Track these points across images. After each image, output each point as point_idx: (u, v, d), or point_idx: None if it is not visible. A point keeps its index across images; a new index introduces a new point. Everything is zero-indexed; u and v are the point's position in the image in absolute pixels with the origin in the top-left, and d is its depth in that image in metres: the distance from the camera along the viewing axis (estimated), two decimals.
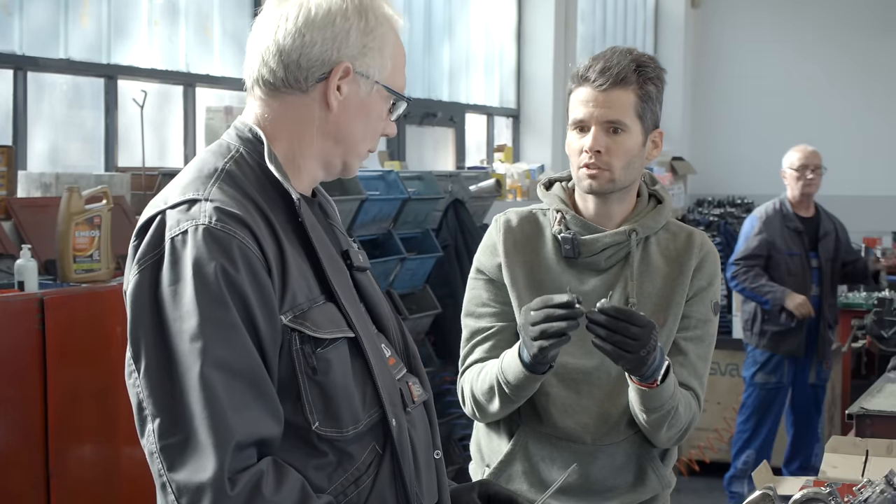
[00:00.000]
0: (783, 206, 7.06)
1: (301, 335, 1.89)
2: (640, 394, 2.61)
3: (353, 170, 2.08)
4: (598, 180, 2.67)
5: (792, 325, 6.86)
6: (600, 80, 2.63)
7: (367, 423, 1.95)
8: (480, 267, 2.80)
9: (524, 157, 10.16)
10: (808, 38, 12.58)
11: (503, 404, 2.67)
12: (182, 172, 1.99)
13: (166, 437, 1.80)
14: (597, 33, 11.80)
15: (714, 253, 2.81)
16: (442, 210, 6.64)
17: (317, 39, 1.96)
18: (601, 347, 2.48)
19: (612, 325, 2.45)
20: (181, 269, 1.81)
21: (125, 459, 4.83)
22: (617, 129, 2.64)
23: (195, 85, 6.63)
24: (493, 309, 2.77)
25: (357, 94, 2.01)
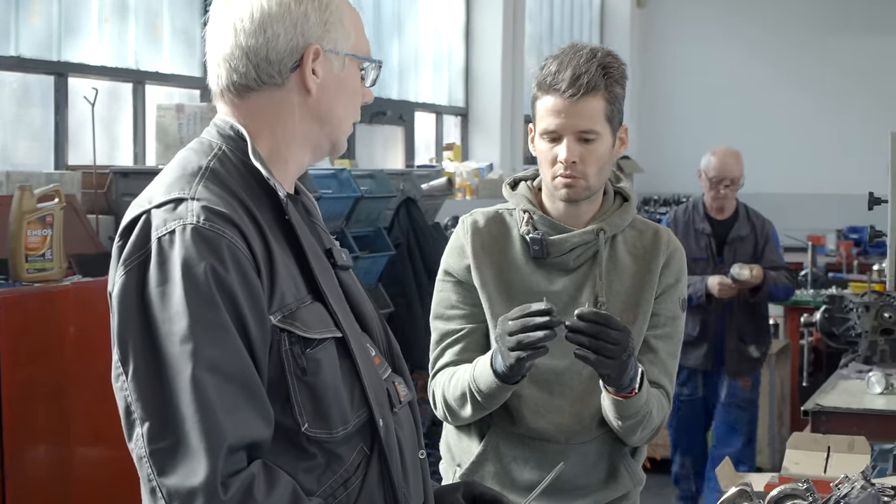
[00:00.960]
0: (696, 206, 6.63)
1: (290, 335, 1.86)
2: (616, 404, 2.61)
3: (342, 146, 2.06)
4: (574, 189, 2.68)
5: (693, 336, 6.34)
6: (571, 91, 2.62)
7: (355, 423, 1.93)
8: (448, 269, 2.79)
9: (473, 155, 10.17)
10: (753, 37, 12.70)
11: (475, 410, 2.67)
12: (164, 171, 1.95)
13: (156, 441, 1.77)
14: (544, 32, 11.85)
15: (680, 249, 2.82)
16: (394, 209, 6.63)
17: (279, 31, 1.93)
18: (584, 357, 2.47)
19: (593, 331, 2.44)
20: (169, 270, 1.78)
21: (79, 460, 4.79)
22: (589, 139, 2.65)
23: (145, 82, 6.58)
24: (463, 311, 2.76)
25: (331, 71, 1.99)
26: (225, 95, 1.98)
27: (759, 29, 12.67)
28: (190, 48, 6.96)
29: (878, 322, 5.32)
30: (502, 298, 2.70)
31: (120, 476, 5.05)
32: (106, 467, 4.96)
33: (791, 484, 2.07)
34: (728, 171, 6.44)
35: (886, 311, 5.33)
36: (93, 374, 4.92)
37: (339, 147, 2.06)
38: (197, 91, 6.98)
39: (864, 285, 7.31)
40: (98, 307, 4.93)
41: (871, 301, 5.38)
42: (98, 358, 4.94)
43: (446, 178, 7.20)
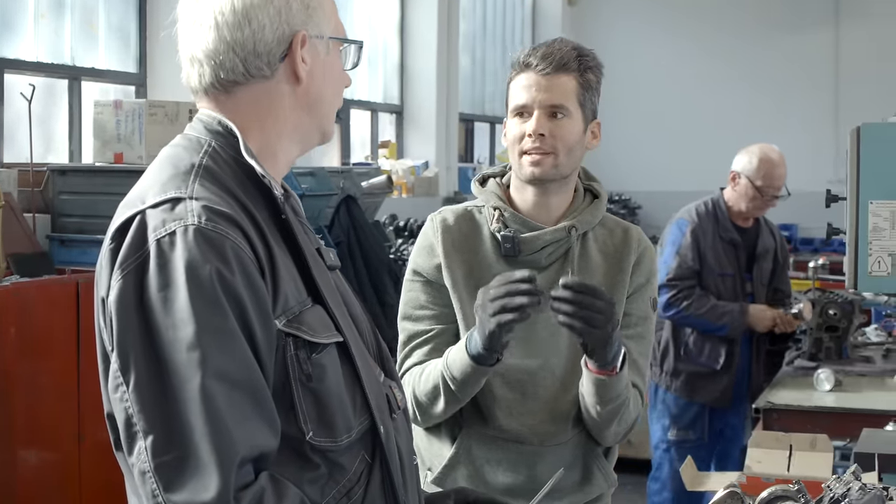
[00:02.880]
0: (718, 209, 5.47)
1: (296, 340, 1.78)
2: (598, 384, 2.57)
3: (331, 134, 2.00)
4: (541, 167, 2.64)
5: (717, 367, 5.31)
6: (542, 65, 2.62)
7: (357, 431, 1.86)
8: (417, 269, 2.74)
9: (408, 153, 10.12)
10: (684, 33, 12.80)
11: (448, 403, 2.62)
12: (153, 170, 1.85)
13: (161, 455, 1.66)
14: (477, 30, 11.83)
15: (651, 248, 2.80)
16: (334, 207, 6.57)
17: (264, 21, 1.85)
18: (569, 325, 2.44)
19: (578, 300, 2.41)
20: (171, 274, 1.68)
21: (22, 462, 4.70)
22: (559, 114, 2.63)
23: (80, 78, 6.46)
24: (432, 311, 2.71)
25: (318, 57, 1.92)
26: (209, 93, 1.89)
27: (690, 25, 12.76)
28: (125, 44, 6.85)
29: (823, 319, 5.38)
30: (473, 298, 2.66)
31: (64, 478, 4.97)
32: (49, 469, 4.87)
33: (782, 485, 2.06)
34: (782, 180, 5.43)
35: (831, 308, 5.39)
36: (35, 375, 4.83)
37: (328, 135, 1.99)
38: (132, 87, 6.87)
39: (803, 282, 7.38)
40: (38, 308, 4.86)
41: (815, 298, 5.43)
42: (40, 359, 4.86)
43: (386, 176, 7.14)
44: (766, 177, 5.34)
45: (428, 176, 9.73)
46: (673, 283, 5.26)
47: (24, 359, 4.74)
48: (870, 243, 3.34)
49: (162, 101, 5.90)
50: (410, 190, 9.37)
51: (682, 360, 5.33)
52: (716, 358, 5.29)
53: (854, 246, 3.32)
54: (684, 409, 5.37)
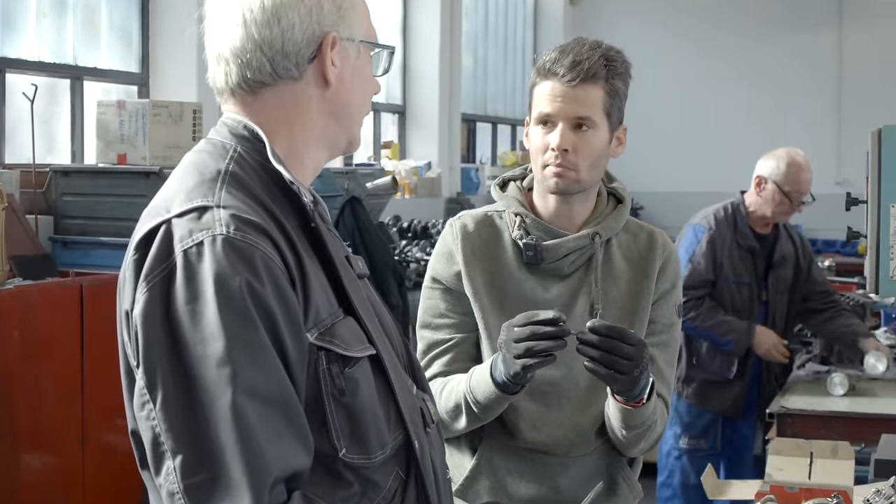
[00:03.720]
0: (738, 215, 5.24)
1: (329, 354, 1.71)
2: (624, 413, 2.51)
3: (358, 142, 1.92)
4: (563, 180, 2.56)
5: (730, 377, 5.17)
6: (570, 75, 2.51)
7: (392, 447, 1.79)
8: (437, 276, 2.66)
9: (411, 153, 10.07)
10: (686, 36, 12.76)
11: (470, 422, 2.55)
12: (177, 177, 1.78)
13: (191, 476, 1.59)
14: (479, 30, 11.78)
15: (676, 252, 2.73)
16: (339, 208, 6.52)
17: (294, 20, 1.78)
18: (594, 371, 2.35)
19: (606, 346, 2.32)
20: (199, 286, 1.60)
21: (25, 466, 4.64)
22: (584, 126, 2.54)
23: (83, 78, 6.41)
24: (452, 320, 2.64)
25: (348, 61, 1.84)
26: (235, 93, 1.82)
27: (692, 25, 12.72)
28: (128, 44, 6.79)
29: None
30: (495, 307, 2.59)
31: (68, 482, 4.91)
32: (53, 473, 4.82)
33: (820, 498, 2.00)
34: (809, 185, 5.21)
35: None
36: (38, 378, 4.77)
37: (355, 143, 1.92)
38: (135, 87, 6.82)
39: None
40: (42, 311, 4.80)
41: None
42: (44, 362, 4.80)
43: (391, 177, 7.09)
44: (794, 182, 5.16)
45: (431, 176, 9.68)
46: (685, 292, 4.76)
47: (27, 362, 4.68)
48: (891, 247, 3.28)
49: (166, 101, 5.85)
50: (413, 191, 9.31)
51: (694, 368, 5.20)
52: (728, 367, 5.16)
53: (875, 249, 3.26)
54: (696, 418, 5.27)
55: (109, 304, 5.31)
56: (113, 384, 5.46)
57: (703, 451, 5.20)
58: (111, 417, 5.16)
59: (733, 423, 5.32)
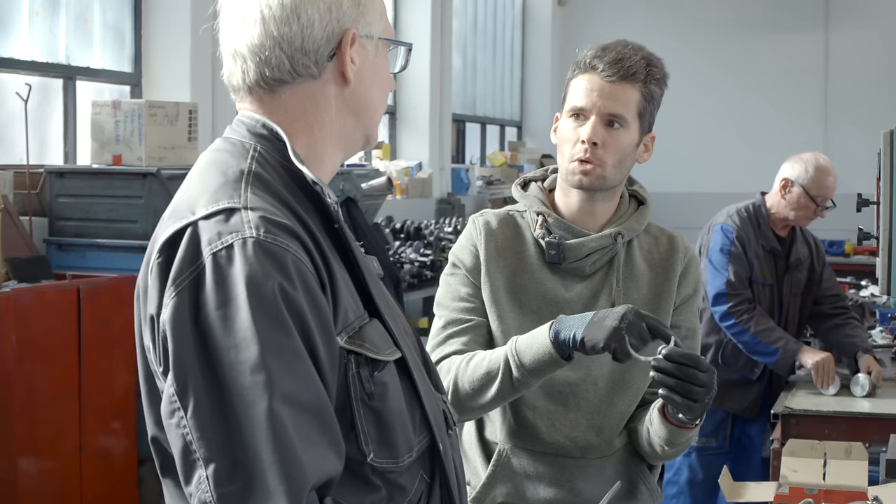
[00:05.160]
0: (759, 216, 5.20)
1: (358, 357, 1.67)
2: (673, 432, 2.48)
3: (375, 139, 1.89)
4: (588, 176, 2.54)
5: (754, 378, 5.12)
6: (609, 71, 2.51)
7: (417, 450, 1.76)
8: (458, 263, 2.63)
9: (401, 154, 10.04)
10: (675, 37, 12.74)
11: (499, 394, 2.45)
12: (199, 178, 1.73)
13: (225, 485, 1.54)
14: (468, 30, 11.76)
15: (696, 257, 2.71)
16: None
17: (313, 17, 1.74)
18: (670, 399, 2.30)
19: (682, 374, 2.27)
20: (231, 290, 1.56)
21: (23, 471, 4.61)
22: (615, 123, 2.53)
23: (75, 78, 6.35)
24: (472, 304, 2.60)
25: (367, 58, 1.80)
26: (253, 91, 1.78)
27: (681, 26, 12.72)
28: (120, 43, 6.74)
29: None
30: (513, 304, 2.56)
31: (65, 488, 4.87)
32: (50, 479, 4.78)
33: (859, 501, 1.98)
34: (834, 190, 5.17)
35: None
36: (35, 383, 4.72)
37: (372, 140, 1.88)
38: (127, 87, 6.77)
39: None
40: (38, 315, 4.75)
41: None
42: (40, 367, 4.75)
43: (386, 178, 7.05)
44: (822, 187, 5.12)
45: (422, 177, 9.65)
46: (734, 294, 5.01)
47: (23, 366, 4.64)
48: None
49: (161, 101, 5.81)
50: (405, 191, 9.28)
51: (717, 367, 4.70)
52: (752, 368, 5.10)
53: (888, 250, 3.25)
54: (709, 416, 5.01)
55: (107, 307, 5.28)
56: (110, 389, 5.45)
57: (712, 450, 5.16)
58: (108, 422, 5.12)
59: (743, 424, 5.29)
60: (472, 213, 9.91)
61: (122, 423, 5.18)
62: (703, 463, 5.19)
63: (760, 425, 5.29)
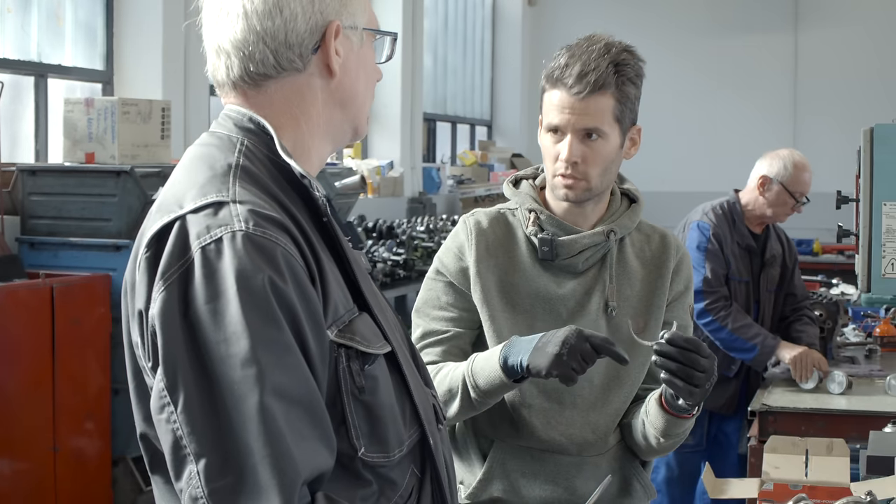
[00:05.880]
0: (734, 213, 5.24)
1: (349, 351, 1.66)
2: (669, 422, 2.49)
3: (364, 131, 1.87)
4: (574, 190, 2.53)
5: (731, 375, 5.13)
6: (577, 87, 2.47)
7: (408, 444, 1.76)
8: (442, 269, 2.62)
9: (372, 153, 10.02)
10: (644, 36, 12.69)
11: (462, 410, 2.48)
12: (186, 172, 1.72)
13: (216, 480, 1.52)
14: (439, 29, 11.75)
15: (688, 254, 2.71)
16: None
17: (296, 10, 1.72)
18: (672, 383, 2.31)
19: (684, 358, 2.28)
20: (220, 284, 1.55)
21: None
22: (593, 135, 2.50)
23: (47, 76, 6.30)
24: (451, 314, 2.60)
25: (351, 49, 1.79)
26: (237, 86, 1.76)
27: (651, 25, 12.75)
28: (92, 41, 6.69)
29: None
30: (505, 303, 2.55)
31: (38, 489, 4.83)
32: (23, 480, 4.74)
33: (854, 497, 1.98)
34: (810, 185, 5.22)
35: (817, 309, 5.34)
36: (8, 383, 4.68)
37: (360, 132, 1.87)
38: (99, 85, 6.72)
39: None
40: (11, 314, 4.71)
41: None
42: (13, 367, 4.71)
43: (359, 176, 7.04)
44: (800, 183, 5.15)
45: (393, 176, 9.64)
46: (710, 291, 5.00)
47: None
48: (883, 245, 3.28)
49: (135, 99, 5.77)
50: (376, 190, 9.27)
51: None
52: (728, 365, 5.10)
53: (867, 248, 3.25)
54: None
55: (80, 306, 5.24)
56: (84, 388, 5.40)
57: (689, 447, 5.06)
58: (82, 422, 5.08)
59: (719, 421, 5.31)
60: (443, 212, 9.98)
61: (95, 424, 5.15)
62: (680, 461, 5.20)
63: (737, 422, 5.31)
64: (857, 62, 12.32)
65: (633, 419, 2.62)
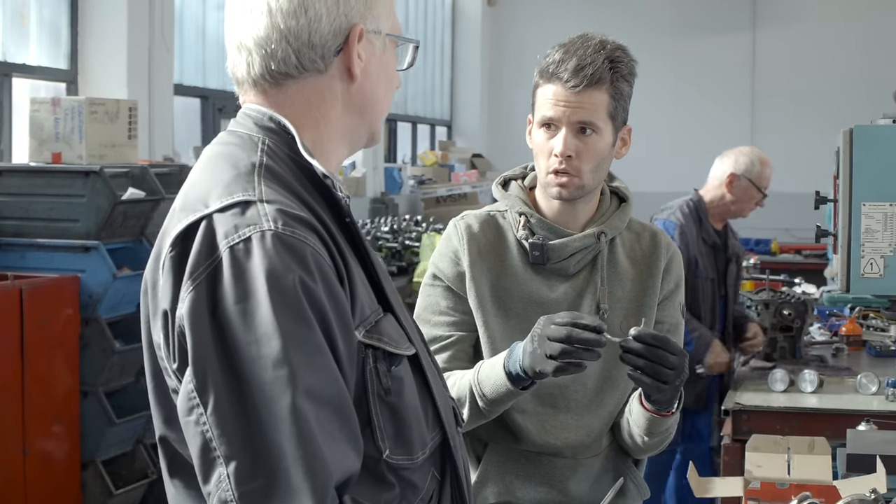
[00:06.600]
0: (700, 211, 5.36)
1: (376, 352, 1.65)
2: (651, 421, 2.50)
3: (379, 137, 1.86)
4: (567, 188, 2.52)
5: (698, 371, 5.12)
6: (574, 81, 2.47)
7: (430, 447, 1.75)
8: (439, 274, 2.60)
9: None
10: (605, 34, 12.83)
11: (471, 419, 2.48)
12: (208, 170, 1.70)
13: (247, 483, 1.51)
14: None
15: (678, 252, 2.71)
16: None
17: (321, 11, 1.71)
18: (638, 380, 2.31)
19: (651, 355, 2.27)
20: (250, 283, 1.53)
21: None
22: (587, 130, 2.50)
23: (11, 75, 6.23)
24: (452, 318, 2.58)
25: (374, 54, 1.77)
26: (258, 85, 1.74)
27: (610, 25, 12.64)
28: (56, 40, 6.63)
29: (778, 319, 5.37)
30: (499, 308, 2.55)
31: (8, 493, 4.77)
32: None
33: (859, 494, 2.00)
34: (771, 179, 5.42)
35: (785, 308, 5.37)
36: None
37: (375, 138, 1.85)
38: (63, 84, 6.66)
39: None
40: None
41: (769, 299, 5.42)
42: None
43: None
44: (766, 178, 5.35)
45: (356, 176, 9.62)
46: None
47: None
48: (862, 245, 3.31)
49: (102, 98, 5.72)
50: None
51: None
52: (694, 363, 5.12)
53: (847, 248, 3.28)
54: None
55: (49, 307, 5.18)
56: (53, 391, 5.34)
57: None
58: (51, 425, 5.03)
59: (692, 418, 5.37)
60: (405, 212, 9.96)
61: (64, 426, 5.09)
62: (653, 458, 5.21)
63: (707, 417, 5.39)
64: (814, 61, 12.43)
65: (619, 418, 2.63)
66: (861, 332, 5.90)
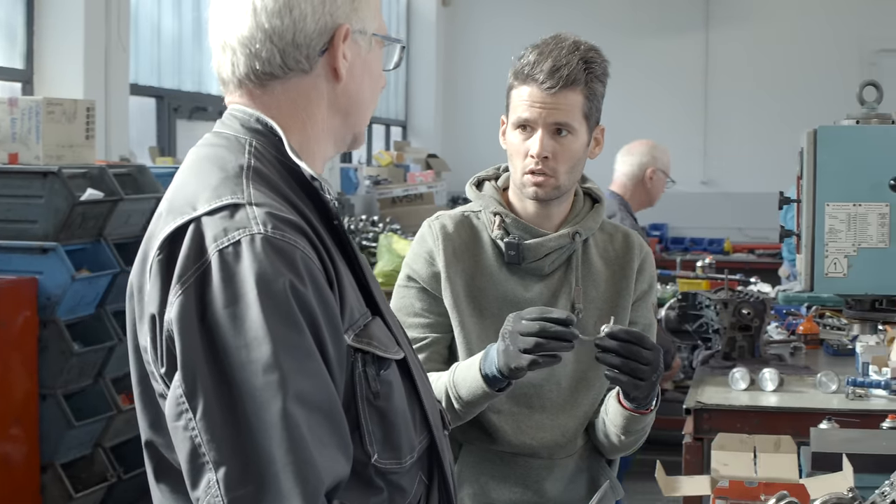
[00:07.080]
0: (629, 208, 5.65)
1: (365, 356, 1.65)
2: (628, 419, 2.50)
3: (363, 139, 1.86)
4: (543, 188, 2.54)
5: None
6: (549, 82, 2.48)
7: (418, 451, 1.75)
8: (413, 275, 2.61)
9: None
10: None
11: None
12: (194, 172, 1.68)
13: (237, 488, 1.50)
14: None
15: (651, 253, 2.73)
16: None
17: (306, 10, 1.70)
18: (615, 379, 2.32)
19: (627, 352, 2.28)
20: (239, 287, 1.52)
21: None
22: (563, 131, 2.52)
23: None
24: (427, 319, 2.58)
25: (359, 54, 1.77)
26: (243, 85, 1.74)
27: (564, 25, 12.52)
28: (12, 40, 6.56)
29: (737, 319, 5.41)
30: (474, 308, 2.55)
31: None
32: None
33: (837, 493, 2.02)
34: None
35: (744, 307, 5.42)
36: None
37: (360, 139, 1.85)
38: (18, 84, 6.59)
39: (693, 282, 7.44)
40: None
41: (728, 298, 5.46)
42: None
43: None
44: (670, 165, 5.77)
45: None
46: None
47: None
48: (826, 245, 3.34)
49: (59, 98, 5.67)
50: None
51: None
52: None
53: (810, 248, 3.31)
54: None
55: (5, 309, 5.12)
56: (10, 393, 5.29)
57: None
58: (9, 428, 4.98)
59: None
60: (361, 212, 9.94)
61: (23, 429, 5.04)
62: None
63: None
64: (767, 62, 12.52)
65: (594, 418, 2.64)
66: (818, 331, 5.99)
